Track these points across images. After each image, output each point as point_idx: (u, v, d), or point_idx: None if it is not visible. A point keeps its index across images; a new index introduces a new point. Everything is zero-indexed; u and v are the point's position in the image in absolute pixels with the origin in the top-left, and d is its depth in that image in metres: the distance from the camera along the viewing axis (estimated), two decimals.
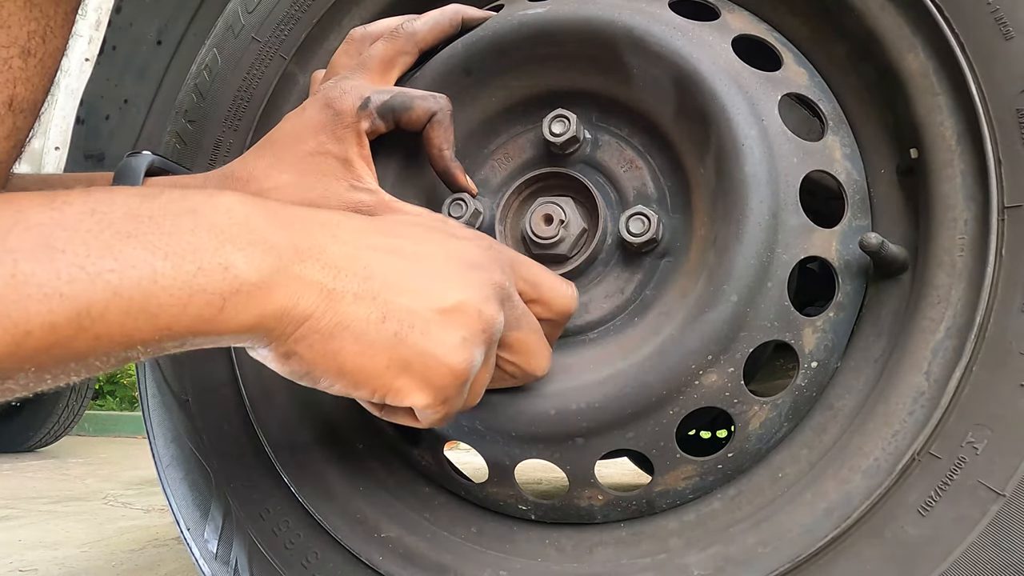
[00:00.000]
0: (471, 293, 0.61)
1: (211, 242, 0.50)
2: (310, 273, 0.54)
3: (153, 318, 0.48)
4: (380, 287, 0.57)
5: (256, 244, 0.52)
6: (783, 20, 0.83)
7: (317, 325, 0.55)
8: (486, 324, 0.62)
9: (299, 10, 0.97)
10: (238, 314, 0.51)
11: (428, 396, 0.60)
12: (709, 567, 0.71)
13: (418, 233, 0.65)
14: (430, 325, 0.59)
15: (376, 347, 0.57)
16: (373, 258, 0.58)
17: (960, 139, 0.70)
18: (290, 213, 0.57)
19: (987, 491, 0.62)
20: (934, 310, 0.70)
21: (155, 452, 0.98)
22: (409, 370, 0.58)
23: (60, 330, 0.45)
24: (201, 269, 0.49)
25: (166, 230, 0.49)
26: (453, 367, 0.59)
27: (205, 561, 0.91)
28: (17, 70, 0.59)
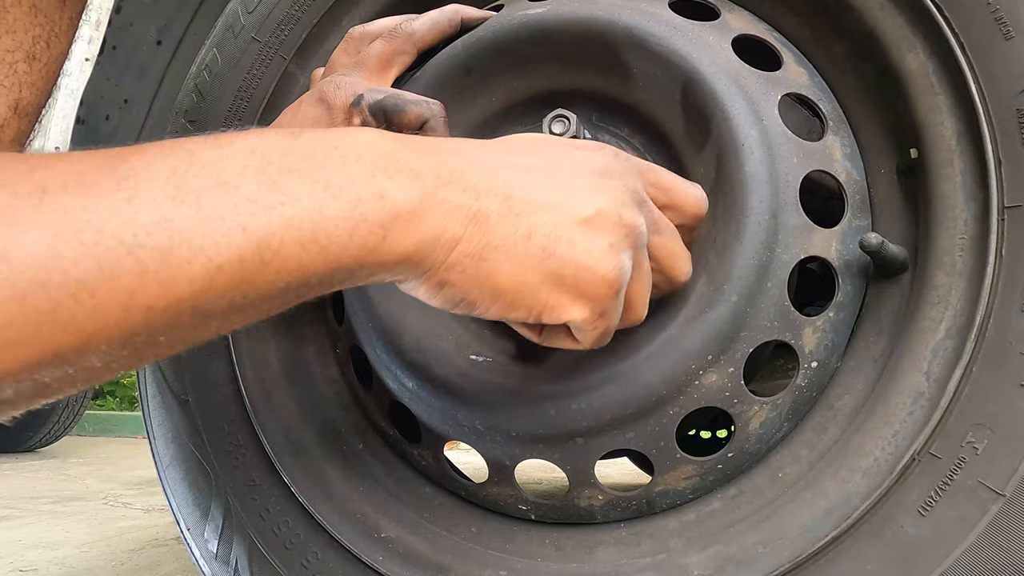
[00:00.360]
0: (608, 200, 0.60)
1: (363, 173, 0.51)
2: (454, 197, 0.54)
3: (324, 249, 0.49)
4: (521, 205, 0.57)
5: (403, 172, 0.53)
6: (783, 20, 0.83)
7: (467, 248, 0.55)
8: (629, 228, 0.61)
9: (299, 10, 0.97)
10: (399, 242, 0.52)
11: (585, 308, 0.60)
12: (709, 567, 0.71)
13: (546, 148, 0.64)
14: (575, 235, 0.58)
15: (527, 263, 0.57)
16: (509, 176, 0.58)
17: (960, 139, 0.70)
18: (425, 143, 0.57)
19: (987, 491, 0.62)
20: (934, 310, 0.70)
21: (155, 452, 0.98)
22: (562, 284, 0.58)
23: (246, 263, 0.46)
24: (360, 199, 0.50)
25: (320, 163, 0.50)
26: (605, 274, 0.59)
27: (205, 561, 0.91)
28: (22, 74, 0.59)
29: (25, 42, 0.59)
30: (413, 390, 0.82)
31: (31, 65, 0.60)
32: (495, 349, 0.83)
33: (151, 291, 0.43)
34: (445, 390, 0.80)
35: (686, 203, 0.70)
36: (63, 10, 0.61)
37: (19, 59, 0.59)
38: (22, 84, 0.59)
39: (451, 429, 0.81)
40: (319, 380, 0.94)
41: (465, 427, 0.80)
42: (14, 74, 0.59)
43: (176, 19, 1.12)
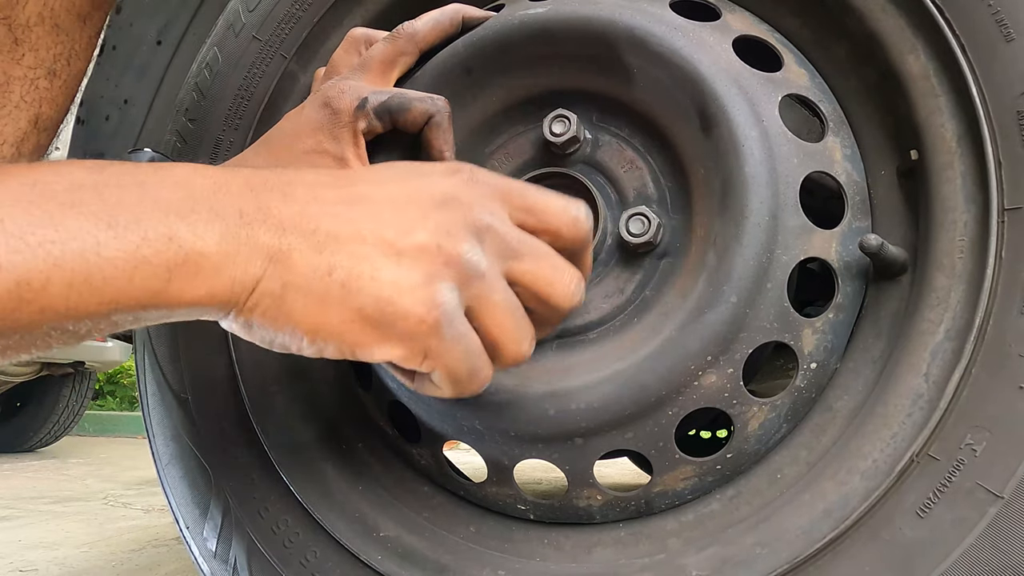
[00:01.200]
0: (430, 230, 0.56)
1: (156, 212, 0.48)
2: (255, 236, 0.52)
3: (98, 291, 0.47)
4: (326, 239, 0.54)
5: (201, 212, 0.50)
6: (784, 21, 0.83)
7: (267, 287, 0.53)
8: (449, 258, 0.56)
9: (300, 9, 0.97)
10: (187, 286, 0.50)
11: (396, 347, 0.56)
12: (707, 568, 0.71)
13: (381, 176, 0.60)
14: (381, 269, 0.54)
15: (326, 301, 0.54)
16: (322, 211, 0.55)
17: (960, 141, 0.70)
18: (241, 179, 0.54)
19: (986, 493, 0.62)
20: (933, 312, 0.70)
21: (154, 451, 0.98)
22: (366, 321, 0.55)
23: (1, 300, 0.44)
24: (145, 239, 0.48)
25: (111, 201, 0.47)
26: (411, 308, 0.54)
27: (204, 559, 0.91)
28: (43, 90, 0.60)
29: (47, 60, 0.60)
30: (412, 389, 0.82)
31: (52, 82, 0.61)
32: None
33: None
34: None
35: (560, 224, 0.64)
36: (83, 29, 0.62)
37: (40, 76, 0.60)
38: (43, 100, 0.60)
39: (450, 429, 0.81)
40: (318, 379, 0.94)
41: (464, 427, 0.80)
42: (35, 90, 0.59)
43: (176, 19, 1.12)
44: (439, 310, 0.55)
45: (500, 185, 0.63)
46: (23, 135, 0.60)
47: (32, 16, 0.58)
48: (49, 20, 0.59)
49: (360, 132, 0.80)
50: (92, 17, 0.63)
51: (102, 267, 0.46)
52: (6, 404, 5.27)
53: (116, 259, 0.47)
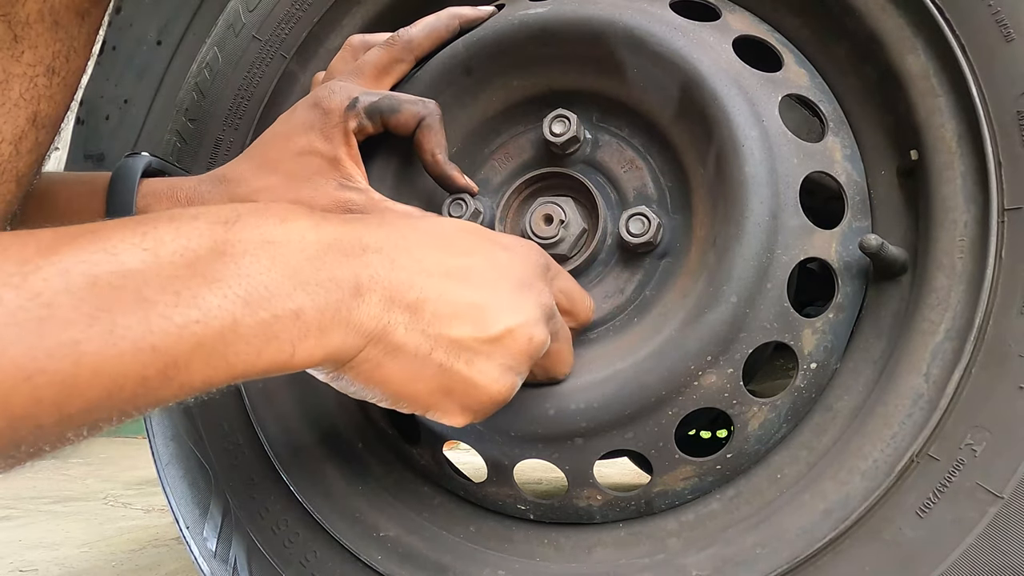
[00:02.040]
0: (519, 318, 0.63)
1: (285, 285, 0.50)
2: (365, 309, 0.55)
3: (231, 366, 0.48)
4: (431, 318, 0.58)
5: (323, 284, 0.52)
6: (784, 21, 0.83)
7: (368, 355, 0.56)
8: (534, 350, 0.64)
9: (300, 9, 0.97)
10: (307, 356, 0.52)
11: (466, 417, 0.63)
12: (707, 568, 0.71)
13: (468, 245, 0.65)
14: (476, 356, 0.60)
15: (422, 376, 0.59)
16: (426, 284, 0.59)
17: (960, 141, 0.70)
18: (356, 237, 0.57)
19: (985, 493, 0.62)
20: (934, 312, 0.69)
21: (154, 450, 0.98)
22: (451, 395, 0.61)
23: (150, 382, 0.45)
24: (276, 316, 0.50)
25: (245, 271, 0.49)
26: (493, 395, 0.62)
27: (204, 559, 0.91)
28: (42, 88, 0.60)
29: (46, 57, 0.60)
30: None
31: (51, 79, 0.60)
32: None
33: (44, 413, 0.42)
34: None
35: (582, 312, 0.76)
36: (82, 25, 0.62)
37: (39, 73, 0.60)
38: (41, 97, 0.60)
39: (450, 429, 0.81)
40: (318, 379, 0.94)
41: (464, 426, 0.79)
42: (34, 88, 0.59)
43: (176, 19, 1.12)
44: (511, 393, 0.64)
45: (551, 265, 0.72)
46: (21, 133, 0.60)
47: (32, 13, 0.58)
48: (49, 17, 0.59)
49: (351, 132, 0.80)
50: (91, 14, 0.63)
51: (237, 345, 0.48)
52: None
53: (251, 337, 0.48)
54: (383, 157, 0.86)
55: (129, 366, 0.44)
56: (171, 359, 0.45)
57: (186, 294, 0.46)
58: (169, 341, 0.45)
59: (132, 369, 0.44)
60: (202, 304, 0.47)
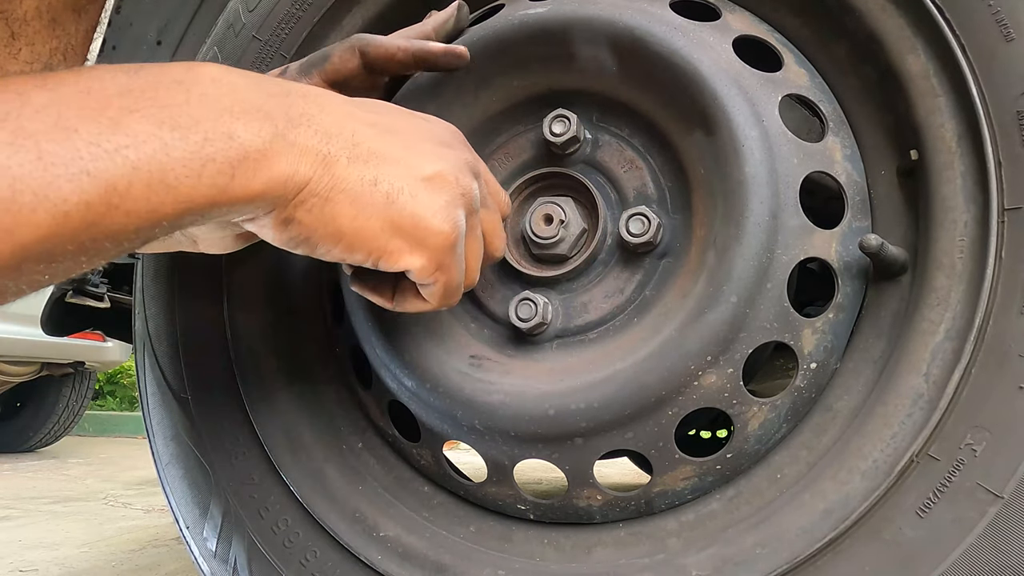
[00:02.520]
0: (448, 165, 0.64)
1: (209, 111, 0.51)
2: (304, 139, 0.55)
3: (172, 190, 0.49)
4: (368, 153, 0.59)
5: (251, 112, 0.53)
6: (784, 21, 0.83)
7: (315, 189, 0.56)
8: (464, 190, 0.65)
9: (300, 9, 0.97)
10: (248, 182, 0.52)
11: (422, 257, 0.62)
12: (708, 568, 0.71)
13: (392, 110, 0.67)
14: (417, 189, 0.61)
15: (370, 209, 0.59)
16: (358, 127, 0.60)
17: (960, 141, 0.70)
18: (273, 83, 0.57)
19: (985, 493, 0.62)
20: (933, 312, 0.69)
21: (154, 450, 0.98)
22: (401, 231, 0.61)
23: (94, 208, 0.46)
24: (207, 139, 0.50)
25: (162, 102, 0.49)
26: (440, 226, 0.62)
27: (204, 559, 0.91)
28: None
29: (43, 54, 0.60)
30: (412, 389, 0.82)
31: None
32: (494, 349, 0.83)
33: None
34: (444, 389, 0.80)
35: (502, 196, 0.77)
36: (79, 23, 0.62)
37: (37, 70, 0.60)
38: None
39: (450, 429, 0.81)
40: (318, 379, 0.94)
41: (464, 427, 0.80)
42: None
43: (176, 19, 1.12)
44: (457, 230, 0.64)
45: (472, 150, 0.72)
46: None
47: (30, 10, 0.58)
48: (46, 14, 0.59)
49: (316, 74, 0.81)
50: (88, 11, 0.64)
51: (173, 167, 0.48)
52: (6, 404, 5.27)
53: (185, 159, 0.49)
54: None
55: (67, 191, 0.45)
56: (109, 184, 0.46)
57: (107, 123, 0.47)
58: (101, 165, 0.46)
59: (71, 195, 0.45)
60: (128, 130, 0.47)
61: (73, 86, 0.48)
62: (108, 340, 4.85)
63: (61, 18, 0.60)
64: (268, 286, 0.96)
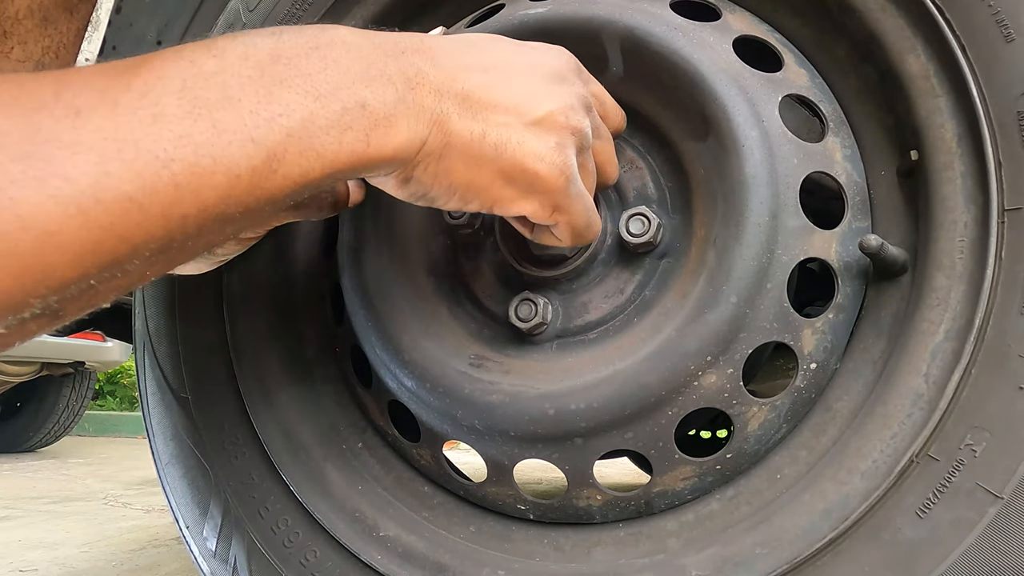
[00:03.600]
0: (558, 103, 0.65)
1: (344, 80, 0.54)
2: (421, 98, 0.58)
3: (320, 156, 0.53)
4: (477, 106, 0.62)
5: (377, 79, 0.56)
6: (784, 21, 0.83)
7: (431, 148, 0.60)
8: (574, 128, 0.66)
9: (300, 9, 0.97)
10: (381, 146, 0.56)
11: (534, 202, 0.66)
12: (707, 568, 0.71)
13: (504, 49, 0.68)
14: (525, 136, 0.63)
15: (480, 162, 0.62)
16: (468, 77, 0.62)
17: (960, 141, 0.70)
18: (391, 42, 0.60)
19: (985, 493, 0.62)
20: (933, 312, 0.69)
21: (154, 450, 0.98)
22: (512, 180, 0.64)
23: (259, 171, 0.50)
24: (345, 108, 0.54)
25: (304, 71, 0.53)
26: (550, 170, 0.64)
27: (204, 559, 0.91)
28: None
29: (35, 53, 0.60)
30: (412, 389, 0.82)
31: None
32: (494, 349, 0.83)
33: (185, 200, 0.47)
34: (444, 389, 0.80)
35: (616, 115, 0.77)
36: (71, 21, 0.62)
37: (29, 69, 0.60)
38: None
39: (450, 428, 0.81)
40: (318, 379, 0.94)
41: (464, 427, 0.80)
42: None
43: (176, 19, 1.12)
44: (568, 172, 0.65)
45: (585, 71, 0.73)
46: None
47: (21, 9, 0.58)
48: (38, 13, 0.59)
49: None
50: (79, 9, 0.64)
51: (319, 135, 0.52)
52: (6, 404, 5.27)
53: (328, 126, 0.53)
54: None
55: (238, 157, 0.49)
56: (269, 149, 0.50)
57: (263, 92, 0.51)
58: (263, 132, 0.50)
59: (241, 160, 0.49)
60: (280, 99, 0.51)
61: (233, 53, 0.51)
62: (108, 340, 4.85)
63: (53, 16, 0.61)
64: (268, 286, 0.96)
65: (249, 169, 0.49)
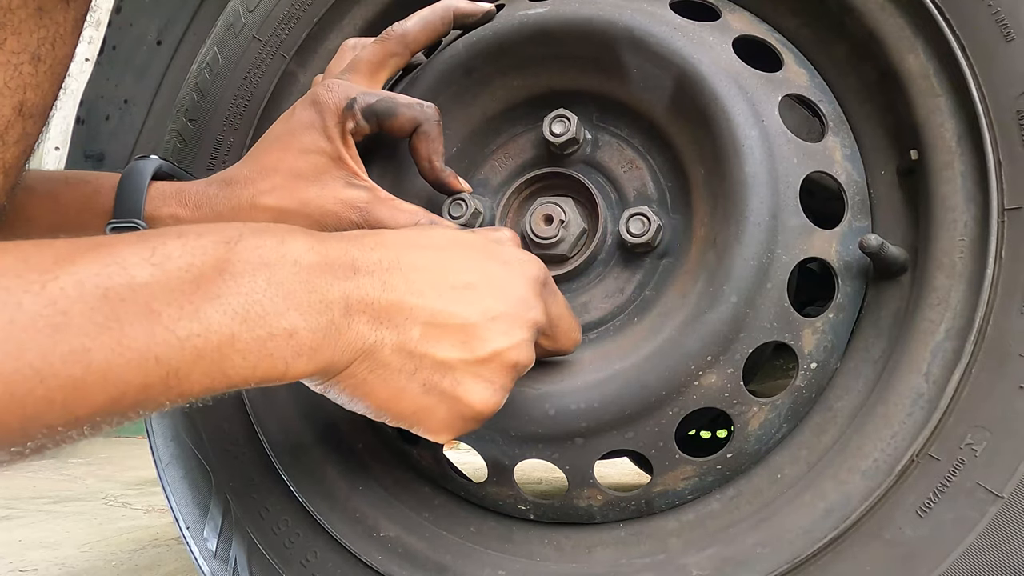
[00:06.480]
0: (508, 341, 0.63)
1: (280, 305, 0.53)
2: (356, 327, 0.57)
3: (227, 378, 0.51)
4: (419, 339, 0.60)
5: (314, 305, 0.54)
6: (784, 21, 0.83)
7: (355, 371, 0.58)
8: (519, 371, 0.65)
9: (299, 9, 0.97)
10: (296, 372, 0.54)
11: (448, 433, 0.64)
12: (708, 567, 0.71)
13: (465, 263, 0.65)
14: (464, 376, 0.62)
15: (406, 394, 0.60)
16: (416, 305, 0.60)
17: (960, 140, 0.70)
18: (349, 260, 0.58)
19: (986, 493, 0.62)
20: (934, 312, 0.70)
21: (155, 451, 0.98)
22: (434, 413, 0.62)
23: (151, 389, 0.48)
24: (271, 335, 0.52)
25: (243, 289, 0.51)
26: (478, 412, 0.63)
27: (204, 560, 0.91)
28: (27, 76, 0.59)
29: (30, 44, 0.59)
30: None
31: (36, 67, 0.60)
32: None
33: (54, 414, 0.44)
34: None
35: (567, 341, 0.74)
36: (67, 11, 0.61)
37: (24, 61, 0.59)
38: (27, 86, 0.59)
39: None
40: None
41: None
42: (19, 76, 0.58)
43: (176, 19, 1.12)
44: (496, 409, 0.64)
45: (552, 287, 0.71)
46: (7, 123, 0.59)
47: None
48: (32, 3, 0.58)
49: (348, 132, 0.80)
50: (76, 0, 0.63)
51: (233, 359, 0.50)
52: None
53: (248, 352, 0.51)
54: (383, 156, 0.86)
55: (134, 374, 0.46)
56: (172, 369, 0.48)
57: (189, 308, 0.49)
58: (171, 352, 0.47)
59: (136, 377, 0.46)
60: (203, 318, 0.49)
61: (178, 260, 0.50)
62: None
63: (48, 7, 0.59)
64: None
65: (141, 387, 0.47)
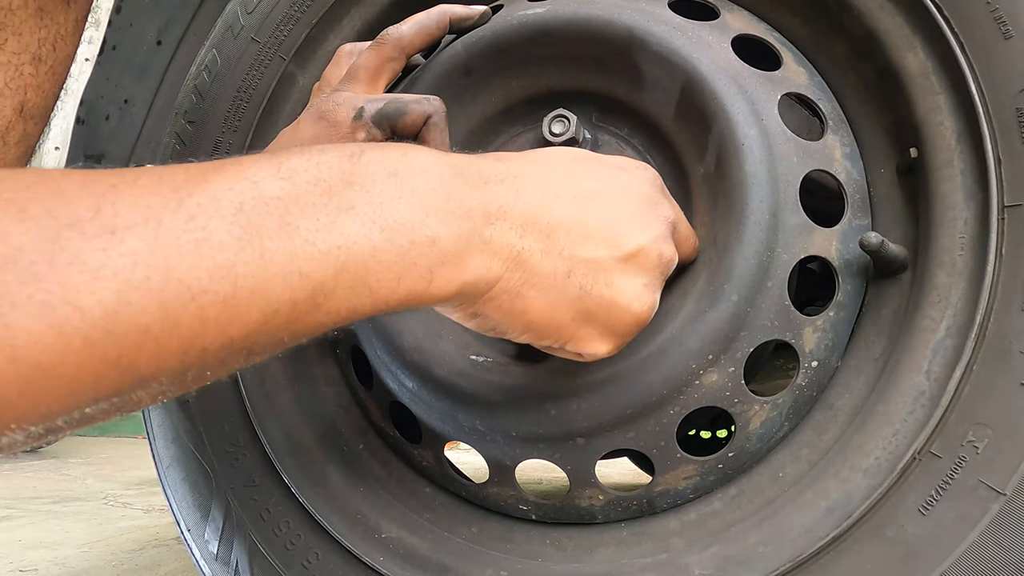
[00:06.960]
0: (649, 235, 0.62)
1: (417, 212, 0.51)
2: (499, 235, 0.55)
3: (373, 293, 0.49)
4: (564, 241, 0.58)
5: (454, 212, 0.53)
6: (783, 20, 0.83)
7: (506, 286, 0.56)
8: (665, 266, 0.64)
9: (298, 11, 0.97)
10: (444, 285, 0.52)
11: (611, 343, 0.63)
12: (710, 567, 0.71)
13: (587, 170, 0.64)
14: (614, 276, 0.60)
15: (562, 302, 0.59)
16: (555, 209, 0.59)
17: (960, 138, 0.70)
18: (476, 170, 0.57)
19: (988, 490, 0.62)
20: (934, 309, 0.70)
21: (155, 453, 0.98)
22: (593, 320, 0.61)
23: (300, 307, 0.46)
24: (413, 243, 0.50)
25: (376, 198, 0.50)
26: (636, 314, 0.62)
27: (205, 562, 0.91)
28: (28, 76, 0.59)
29: (31, 44, 0.59)
30: (413, 390, 0.82)
31: (37, 68, 0.60)
32: (495, 349, 0.83)
33: (209, 335, 0.43)
34: (445, 390, 0.80)
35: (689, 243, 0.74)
36: (68, 12, 0.61)
37: (25, 61, 0.59)
38: (28, 87, 0.59)
39: (451, 429, 0.81)
40: (319, 380, 0.94)
41: (465, 427, 0.80)
42: (20, 76, 0.59)
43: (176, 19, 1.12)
44: (651, 312, 0.63)
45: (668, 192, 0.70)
46: (8, 124, 0.59)
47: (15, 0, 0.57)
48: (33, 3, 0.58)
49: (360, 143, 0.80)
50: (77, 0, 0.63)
51: (377, 271, 0.49)
52: None
53: (390, 262, 0.49)
54: None
55: (281, 290, 0.45)
56: (318, 284, 0.46)
57: (324, 220, 0.47)
58: (314, 266, 0.46)
59: (284, 293, 0.45)
60: (342, 230, 0.48)
61: (304, 175, 0.48)
62: None
63: (49, 8, 0.59)
64: None
65: (290, 303, 0.45)
